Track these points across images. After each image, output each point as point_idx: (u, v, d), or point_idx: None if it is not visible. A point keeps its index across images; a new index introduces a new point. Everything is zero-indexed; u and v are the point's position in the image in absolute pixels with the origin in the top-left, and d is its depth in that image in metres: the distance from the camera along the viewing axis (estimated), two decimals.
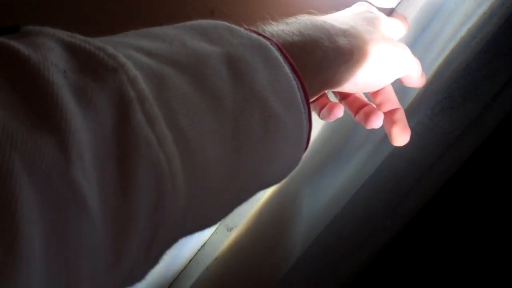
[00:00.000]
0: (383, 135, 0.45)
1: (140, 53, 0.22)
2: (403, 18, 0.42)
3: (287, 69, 0.27)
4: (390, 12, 0.44)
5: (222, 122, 0.23)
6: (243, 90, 0.24)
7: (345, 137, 0.48)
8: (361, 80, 0.34)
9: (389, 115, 0.39)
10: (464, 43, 0.45)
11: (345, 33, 0.32)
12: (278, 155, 0.27)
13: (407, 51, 0.36)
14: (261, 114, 0.25)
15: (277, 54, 0.27)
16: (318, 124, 0.47)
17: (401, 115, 0.39)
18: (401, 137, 0.39)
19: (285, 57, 0.27)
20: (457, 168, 0.55)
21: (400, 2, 0.43)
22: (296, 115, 0.27)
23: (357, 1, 0.39)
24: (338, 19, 0.34)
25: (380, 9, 0.39)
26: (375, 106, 0.39)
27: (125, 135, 0.19)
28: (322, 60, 0.30)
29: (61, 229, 0.16)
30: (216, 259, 0.50)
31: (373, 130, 0.39)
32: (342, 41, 0.31)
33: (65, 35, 0.20)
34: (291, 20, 0.32)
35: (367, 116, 0.37)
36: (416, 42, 0.45)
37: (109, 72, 0.19)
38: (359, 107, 0.39)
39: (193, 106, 0.22)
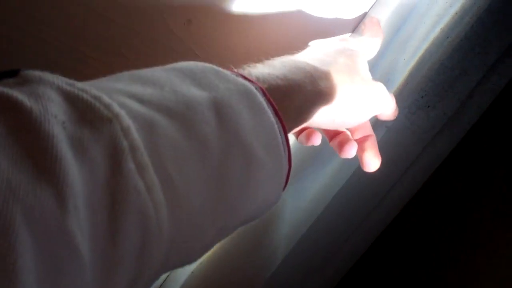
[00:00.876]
0: None
1: (133, 100, 0.23)
2: (378, 26, 0.43)
3: (270, 114, 0.28)
4: (363, 16, 0.45)
5: (208, 167, 0.24)
6: (228, 135, 0.26)
7: (322, 139, 0.49)
8: (339, 120, 0.36)
9: (362, 142, 0.41)
10: (438, 43, 0.46)
11: (326, 75, 0.34)
12: (259, 195, 0.28)
13: (383, 90, 0.38)
14: (244, 158, 0.26)
15: (261, 99, 0.28)
16: None
17: (372, 142, 0.41)
18: (372, 163, 0.40)
19: (269, 101, 0.28)
20: (436, 166, 0.56)
21: (373, 5, 0.44)
22: (277, 158, 0.28)
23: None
24: (320, 58, 0.36)
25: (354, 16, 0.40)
26: (349, 133, 0.41)
27: (116, 185, 0.20)
28: (303, 103, 0.32)
29: (54, 274, 0.17)
30: (201, 263, 0.50)
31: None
32: (323, 84, 0.33)
33: (64, 83, 0.21)
34: (276, 62, 0.33)
35: (341, 146, 0.39)
36: (390, 43, 0.45)
37: (104, 123, 0.20)
38: (334, 133, 0.41)
39: (181, 153, 0.23)
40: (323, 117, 0.34)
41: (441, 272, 0.56)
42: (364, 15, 0.45)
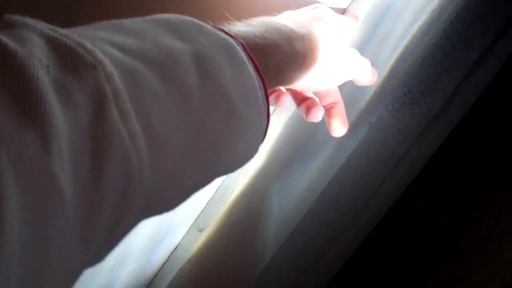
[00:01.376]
0: (348, 130, 0.47)
1: (115, 48, 0.23)
2: (355, 17, 0.44)
3: (250, 68, 0.29)
4: (342, 12, 0.46)
5: (189, 117, 0.25)
6: (210, 87, 0.26)
7: (308, 134, 0.50)
8: (312, 82, 0.37)
9: (330, 108, 0.42)
10: (417, 40, 0.47)
11: (303, 38, 0.35)
12: (238, 147, 0.29)
13: (356, 55, 0.39)
14: (225, 109, 0.27)
15: (242, 53, 0.29)
16: (279, 123, 0.48)
17: (340, 108, 0.42)
18: (339, 129, 0.42)
19: (249, 57, 0.29)
20: (424, 163, 0.56)
21: (351, 2, 0.45)
22: (256, 111, 0.29)
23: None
24: (297, 21, 0.37)
25: (333, 9, 0.41)
26: (317, 99, 0.42)
27: (100, 130, 0.20)
28: (280, 62, 0.33)
29: (38, 216, 0.18)
30: (189, 260, 0.51)
31: None
32: (299, 45, 0.34)
33: (47, 28, 0.21)
34: (254, 22, 0.34)
35: (309, 110, 0.41)
36: (369, 40, 0.46)
37: (88, 69, 0.20)
38: (302, 99, 0.42)
39: (162, 101, 0.23)
40: (297, 79, 0.35)
41: (432, 269, 0.56)
42: (343, 11, 0.46)
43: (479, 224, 0.54)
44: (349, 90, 0.46)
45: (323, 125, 0.49)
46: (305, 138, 0.49)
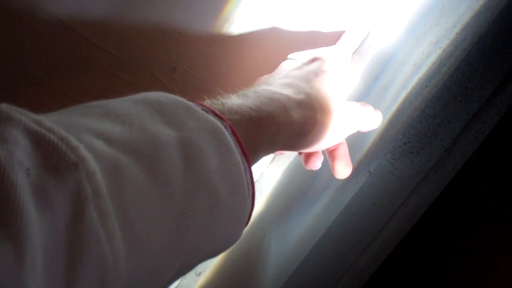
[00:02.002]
0: (348, 178, 0.47)
1: (100, 140, 0.23)
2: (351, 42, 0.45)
3: (237, 154, 0.28)
4: (339, 36, 0.47)
5: (171, 209, 0.25)
6: (194, 176, 0.26)
7: (307, 181, 0.50)
8: (313, 146, 0.37)
9: (333, 150, 0.42)
10: (416, 91, 0.48)
11: (300, 104, 0.35)
12: (220, 234, 0.29)
13: (357, 108, 0.39)
14: (209, 200, 0.26)
15: (229, 139, 0.28)
16: (279, 170, 0.49)
17: (344, 150, 0.42)
18: (343, 171, 0.42)
19: (237, 140, 0.29)
20: (423, 211, 0.56)
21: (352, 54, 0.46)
22: (240, 198, 0.29)
23: None
24: (293, 84, 0.37)
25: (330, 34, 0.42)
26: None
27: (76, 235, 0.20)
28: (276, 133, 0.33)
29: None
30: None
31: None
32: (296, 114, 0.34)
33: (32, 121, 0.21)
34: (250, 93, 0.34)
35: (308, 158, 0.41)
36: (369, 91, 0.47)
37: (69, 169, 0.20)
38: None
39: (145, 195, 0.23)
40: (296, 146, 0.36)
41: None
42: (341, 34, 0.46)
43: (476, 272, 0.54)
44: (348, 139, 0.47)
45: (322, 172, 0.49)
46: (304, 185, 0.49)
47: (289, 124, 0.33)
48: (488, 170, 0.57)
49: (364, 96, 0.47)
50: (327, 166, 0.44)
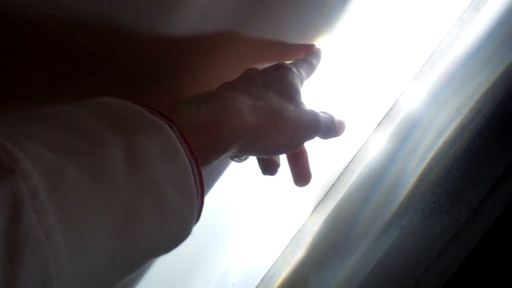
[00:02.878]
0: (381, 230, 0.50)
1: (40, 145, 0.23)
2: (318, 54, 0.46)
3: (184, 154, 0.28)
4: (308, 48, 0.47)
5: (114, 212, 0.24)
6: (138, 179, 0.26)
7: (344, 232, 0.54)
8: (269, 151, 0.37)
9: (294, 158, 0.43)
10: (442, 153, 0.53)
11: (257, 110, 0.35)
12: (168, 235, 0.29)
13: (314, 115, 0.39)
14: (155, 202, 0.26)
15: (175, 138, 0.28)
16: (318, 221, 0.53)
17: (304, 158, 0.43)
18: (301, 179, 0.43)
19: (184, 140, 0.29)
20: (454, 270, 0.59)
21: (381, 121, 0.52)
22: (189, 199, 0.29)
23: None
24: (253, 90, 0.37)
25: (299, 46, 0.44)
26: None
27: (15, 235, 0.20)
28: (229, 137, 0.33)
29: None
30: None
31: (371, 225, 0.45)
32: (251, 118, 0.34)
33: None
34: (204, 95, 0.34)
35: (265, 166, 0.42)
36: (398, 151, 0.53)
37: (5, 173, 0.20)
38: None
39: (86, 198, 0.23)
40: (251, 150, 0.36)
41: None
42: (311, 47, 0.48)
43: None
44: (379, 195, 0.51)
45: (358, 222, 0.53)
46: (341, 236, 0.53)
47: (244, 128, 0.33)
48: None
49: (394, 155, 0.52)
50: (361, 219, 0.49)
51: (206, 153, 0.32)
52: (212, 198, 0.45)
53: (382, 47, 0.52)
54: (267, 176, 0.43)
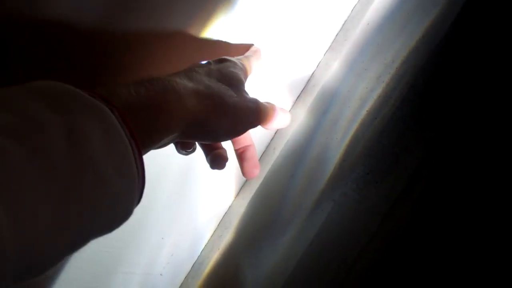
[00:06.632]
0: (312, 206, 0.50)
1: None
2: (258, 54, 0.48)
3: (123, 134, 0.29)
4: (248, 48, 0.50)
5: (54, 190, 0.25)
6: (78, 159, 0.26)
7: (274, 209, 0.53)
8: (210, 136, 0.38)
9: (242, 152, 0.44)
10: (367, 123, 0.52)
11: (197, 94, 0.36)
12: (109, 214, 0.29)
13: (256, 104, 0.40)
14: (96, 182, 0.27)
15: (114, 120, 0.29)
16: (244, 202, 0.53)
17: (252, 152, 0.44)
18: (250, 171, 0.44)
19: (124, 122, 0.30)
20: (398, 236, 0.58)
21: (299, 95, 0.51)
22: (129, 179, 0.29)
23: None
24: (195, 76, 0.38)
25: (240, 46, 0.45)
26: (222, 148, 0.44)
27: None
28: (170, 121, 0.34)
29: None
30: None
31: (302, 202, 0.45)
32: (191, 102, 0.35)
33: None
34: (145, 81, 0.34)
35: (213, 161, 0.43)
36: (319, 123, 0.52)
37: None
38: (211, 148, 0.44)
39: (25, 176, 0.24)
40: (192, 135, 0.37)
41: None
42: (250, 46, 0.50)
43: None
44: (306, 171, 0.51)
45: (287, 202, 0.53)
46: (270, 215, 0.53)
47: (183, 110, 0.34)
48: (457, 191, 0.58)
49: (316, 128, 0.51)
50: (290, 196, 0.48)
51: (146, 134, 0.32)
52: None
53: (291, 19, 0.50)
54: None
